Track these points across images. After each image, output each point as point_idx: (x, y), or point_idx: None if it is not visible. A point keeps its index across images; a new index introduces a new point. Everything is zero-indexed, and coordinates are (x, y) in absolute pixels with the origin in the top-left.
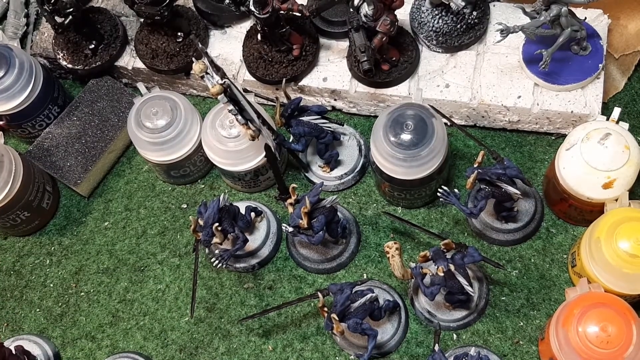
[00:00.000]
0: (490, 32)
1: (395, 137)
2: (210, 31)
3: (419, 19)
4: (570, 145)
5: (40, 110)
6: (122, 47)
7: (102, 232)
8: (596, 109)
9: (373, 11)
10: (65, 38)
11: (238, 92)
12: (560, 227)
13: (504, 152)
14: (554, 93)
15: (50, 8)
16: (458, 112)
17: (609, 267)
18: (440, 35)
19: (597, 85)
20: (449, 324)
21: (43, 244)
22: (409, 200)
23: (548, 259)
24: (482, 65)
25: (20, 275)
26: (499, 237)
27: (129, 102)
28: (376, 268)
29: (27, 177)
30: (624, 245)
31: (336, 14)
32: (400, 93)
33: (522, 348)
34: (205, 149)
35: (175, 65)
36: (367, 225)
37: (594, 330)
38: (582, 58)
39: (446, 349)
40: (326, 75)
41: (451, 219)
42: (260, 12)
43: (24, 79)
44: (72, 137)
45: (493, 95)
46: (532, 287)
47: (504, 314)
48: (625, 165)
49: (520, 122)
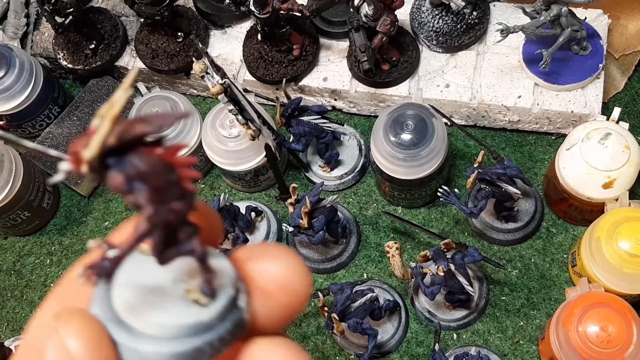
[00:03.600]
0: (491, 32)
1: (396, 137)
2: (210, 31)
3: (419, 19)
4: (570, 145)
5: (40, 110)
6: (122, 47)
7: (103, 232)
8: (596, 108)
9: (373, 11)
10: (66, 38)
11: (238, 92)
12: (560, 227)
13: (504, 152)
14: (554, 93)
15: (50, 8)
16: (458, 112)
17: (609, 267)
18: (441, 35)
19: (597, 85)
20: (449, 323)
21: (43, 243)
22: (409, 200)
23: (548, 258)
24: (482, 65)
25: (20, 275)
26: (499, 236)
27: (129, 102)
28: (376, 268)
29: (27, 176)
30: (624, 245)
31: (336, 14)
32: (401, 93)
33: (522, 348)
34: (206, 148)
35: (176, 65)
36: (367, 225)
37: (594, 330)
38: (582, 58)
39: (446, 348)
40: (326, 75)
41: (451, 218)
42: (260, 12)
43: (24, 79)
44: (73, 137)
45: (493, 95)
46: (532, 287)
47: (504, 313)
48: (625, 165)
49: (521, 122)
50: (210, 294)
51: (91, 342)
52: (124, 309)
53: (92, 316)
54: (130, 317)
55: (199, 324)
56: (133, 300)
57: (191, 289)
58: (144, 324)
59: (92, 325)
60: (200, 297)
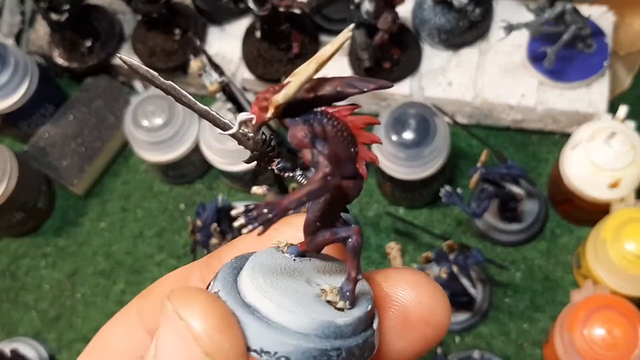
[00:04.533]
0: (494, 29)
1: (397, 137)
2: (208, 29)
3: (421, 17)
4: (575, 144)
5: (35, 109)
6: (118, 45)
7: (99, 233)
8: (601, 107)
9: (374, 8)
10: (62, 36)
11: (237, 90)
12: (564, 228)
13: (508, 151)
14: (559, 91)
15: (46, 5)
16: (461, 111)
17: (614, 269)
18: (443, 33)
19: (602, 83)
20: (451, 326)
21: (38, 245)
22: (411, 201)
23: (552, 260)
24: (485, 63)
25: (15, 277)
26: (502, 238)
27: (125, 100)
28: (378, 269)
29: (22, 177)
30: (630, 246)
31: (337, 11)
32: (402, 91)
33: (526, 351)
34: (204, 148)
35: (173, 63)
36: (368, 226)
37: (599, 333)
38: (587, 56)
39: (449, 352)
40: (327, 74)
41: (454, 219)
42: (259, 10)
43: (19, 77)
44: (68, 136)
45: (496, 94)
46: (536, 289)
47: (507, 316)
48: (631, 165)
49: (524, 121)
50: (349, 298)
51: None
52: (251, 293)
53: (214, 295)
54: (259, 302)
55: (332, 324)
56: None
57: (328, 290)
58: (273, 311)
59: (218, 304)
60: (338, 299)
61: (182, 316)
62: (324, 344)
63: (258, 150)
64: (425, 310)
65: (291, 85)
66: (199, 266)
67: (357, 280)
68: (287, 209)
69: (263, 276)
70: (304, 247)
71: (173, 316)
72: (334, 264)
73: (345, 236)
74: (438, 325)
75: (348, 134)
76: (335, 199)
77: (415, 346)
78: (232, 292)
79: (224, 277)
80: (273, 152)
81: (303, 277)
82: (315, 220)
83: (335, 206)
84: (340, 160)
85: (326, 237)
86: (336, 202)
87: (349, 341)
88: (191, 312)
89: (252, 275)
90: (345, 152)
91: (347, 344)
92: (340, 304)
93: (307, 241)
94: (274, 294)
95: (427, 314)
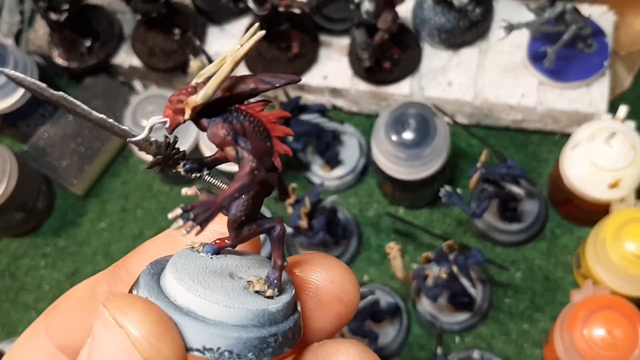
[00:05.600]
0: (494, 29)
1: (397, 136)
2: (208, 28)
3: (421, 16)
4: (575, 144)
5: (35, 109)
6: (118, 44)
7: (98, 234)
8: (601, 107)
9: (374, 8)
10: (61, 36)
11: None
12: (565, 228)
13: (508, 151)
14: (559, 91)
15: (45, 5)
16: (461, 111)
17: (614, 269)
18: (443, 33)
19: (603, 83)
20: (451, 326)
21: (38, 245)
22: (411, 201)
23: (553, 260)
24: (485, 63)
25: (14, 277)
26: (502, 238)
27: (125, 100)
28: (377, 270)
29: (22, 177)
30: (630, 246)
31: (337, 11)
32: (402, 91)
33: (526, 351)
34: (203, 148)
35: (173, 63)
36: (368, 226)
37: (599, 333)
38: (587, 55)
39: (449, 352)
40: (326, 73)
41: (454, 219)
42: (259, 9)
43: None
44: (68, 136)
45: (496, 94)
46: (537, 289)
47: (507, 316)
48: (631, 165)
49: (525, 121)
50: (277, 285)
51: (157, 327)
52: (182, 295)
53: (150, 301)
54: (192, 302)
55: (266, 312)
56: (193, 286)
57: (253, 281)
58: (209, 309)
59: (154, 309)
60: (266, 288)
61: (120, 323)
62: (261, 332)
63: (162, 153)
64: (337, 289)
65: (210, 85)
66: (104, 278)
67: (283, 267)
68: (222, 206)
69: (189, 277)
70: (230, 243)
71: (110, 323)
72: (249, 257)
73: (269, 227)
74: (350, 303)
75: (264, 129)
76: (259, 192)
77: (330, 324)
78: (160, 296)
79: (146, 283)
80: (178, 155)
81: (225, 272)
82: (240, 215)
83: (258, 199)
84: (261, 154)
85: (252, 230)
86: (260, 196)
87: (283, 325)
88: (129, 319)
89: (179, 278)
90: (263, 146)
91: (282, 329)
92: (269, 292)
93: (233, 236)
94: (206, 292)
95: (339, 293)
